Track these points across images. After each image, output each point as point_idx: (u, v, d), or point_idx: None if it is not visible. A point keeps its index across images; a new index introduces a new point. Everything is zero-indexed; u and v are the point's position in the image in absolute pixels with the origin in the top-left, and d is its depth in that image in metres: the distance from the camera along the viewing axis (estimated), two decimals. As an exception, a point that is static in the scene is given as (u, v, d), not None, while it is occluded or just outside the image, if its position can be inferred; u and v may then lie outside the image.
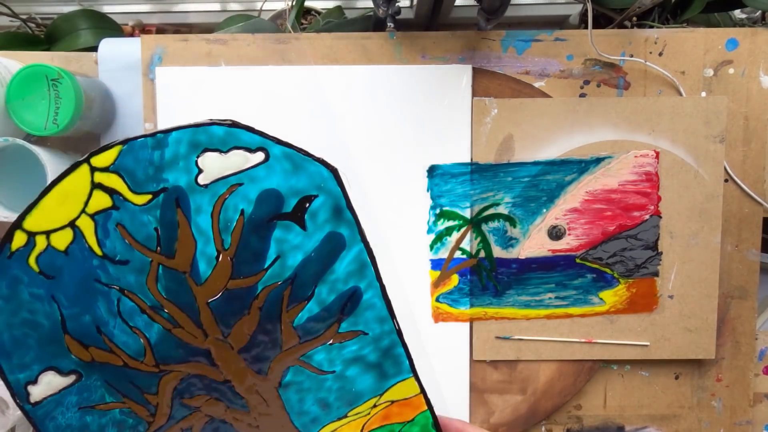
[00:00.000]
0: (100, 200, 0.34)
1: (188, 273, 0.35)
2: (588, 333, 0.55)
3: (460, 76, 0.54)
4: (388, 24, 0.53)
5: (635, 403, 0.57)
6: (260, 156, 0.35)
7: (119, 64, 0.55)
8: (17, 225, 0.34)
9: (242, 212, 0.35)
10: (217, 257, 0.35)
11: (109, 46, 0.55)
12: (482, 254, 0.55)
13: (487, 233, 0.55)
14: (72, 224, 0.34)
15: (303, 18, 0.64)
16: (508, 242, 0.55)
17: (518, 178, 0.54)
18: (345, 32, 0.55)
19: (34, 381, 0.36)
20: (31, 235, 0.34)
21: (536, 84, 0.54)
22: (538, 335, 0.55)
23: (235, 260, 0.36)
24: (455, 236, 0.55)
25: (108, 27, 0.60)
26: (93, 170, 0.34)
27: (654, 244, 0.54)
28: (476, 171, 0.54)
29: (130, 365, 0.37)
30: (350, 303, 0.38)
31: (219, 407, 0.39)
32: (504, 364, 0.56)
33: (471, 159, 0.54)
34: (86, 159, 0.34)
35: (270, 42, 0.54)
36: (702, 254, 0.54)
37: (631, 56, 0.54)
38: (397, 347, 0.39)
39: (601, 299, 0.55)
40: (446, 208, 0.54)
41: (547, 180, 0.54)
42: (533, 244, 0.55)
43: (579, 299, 0.55)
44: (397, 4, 0.50)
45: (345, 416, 0.40)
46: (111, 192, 0.34)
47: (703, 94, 0.55)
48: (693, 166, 0.54)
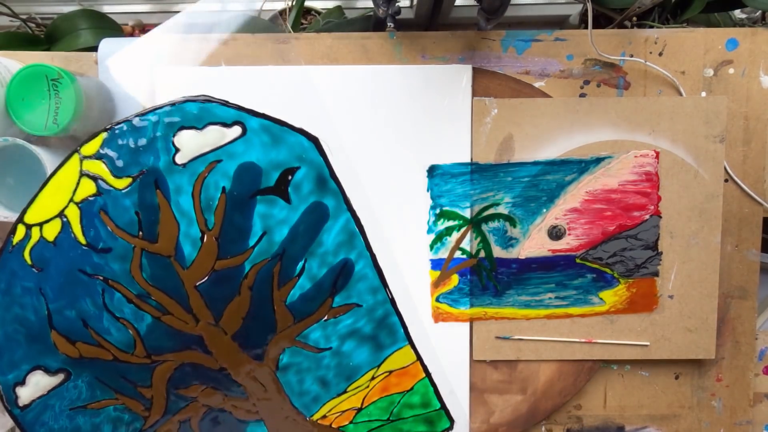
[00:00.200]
0: (86, 187, 0.35)
1: (173, 257, 0.35)
2: (588, 333, 0.55)
3: (460, 76, 0.54)
4: (388, 24, 0.53)
5: (635, 403, 0.57)
6: (237, 130, 0.35)
7: (119, 64, 0.55)
8: (20, 218, 0.34)
9: (224, 189, 0.35)
10: (202, 238, 0.35)
11: (109, 46, 0.55)
12: (482, 254, 0.55)
13: (487, 233, 0.55)
14: (61, 214, 0.34)
15: (303, 18, 0.64)
16: (508, 242, 0.55)
17: (518, 178, 0.54)
18: (345, 32, 0.55)
19: (22, 382, 0.36)
20: (29, 228, 0.34)
21: (536, 84, 0.54)
22: (538, 335, 0.55)
23: (221, 240, 0.35)
24: (455, 236, 0.55)
25: (108, 27, 0.60)
26: (82, 159, 0.34)
27: (654, 244, 0.54)
28: (476, 171, 0.54)
29: (121, 359, 0.36)
30: (342, 276, 0.38)
31: (216, 396, 0.38)
32: (504, 364, 0.56)
33: (471, 159, 0.54)
34: (77, 149, 0.34)
35: (270, 42, 0.54)
36: (702, 254, 0.54)
37: (631, 56, 0.54)
38: (391, 316, 0.39)
39: (601, 299, 0.55)
40: (446, 208, 0.54)
41: (547, 180, 0.54)
42: (533, 244, 0.55)
43: (579, 299, 0.55)
44: (397, 4, 0.50)
45: (345, 391, 0.40)
46: (95, 178, 0.34)
47: (703, 94, 0.55)
48: (693, 166, 0.54)
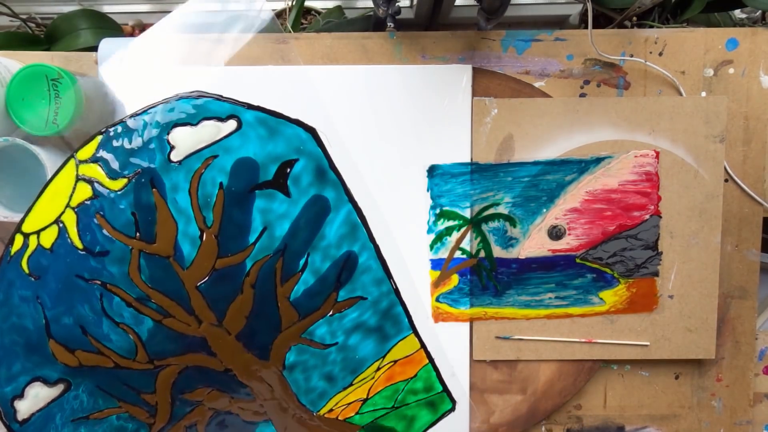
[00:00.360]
0: (83, 191, 0.34)
1: (172, 257, 0.34)
2: (588, 333, 0.55)
3: (460, 76, 0.54)
4: (388, 24, 0.53)
5: (635, 403, 0.57)
6: (232, 124, 0.34)
7: (119, 64, 0.55)
8: (18, 228, 0.34)
9: (221, 185, 0.34)
10: (201, 236, 0.34)
11: (109, 46, 0.55)
12: (482, 254, 0.55)
13: (487, 233, 0.55)
14: (57, 220, 0.34)
15: (303, 18, 0.64)
16: (508, 242, 0.55)
17: (518, 178, 0.54)
18: (345, 32, 0.55)
19: (21, 395, 0.35)
20: (26, 237, 0.34)
21: (536, 84, 0.54)
22: (538, 335, 0.55)
23: (220, 237, 0.34)
24: (455, 236, 0.55)
25: (108, 27, 0.60)
26: (78, 164, 0.34)
27: (654, 244, 0.54)
28: (476, 171, 0.54)
29: (122, 365, 0.35)
30: (346, 270, 0.37)
31: (223, 399, 0.37)
32: (504, 364, 0.56)
33: (471, 159, 0.54)
34: (73, 154, 0.34)
35: (270, 42, 0.54)
36: (702, 254, 0.54)
37: (631, 56, 0.54)
38: (396, 306, 0.38)
39: (601, 299, 0.55)
40: (446, 208, 0.54)
41: (547, 180, 0.54)
42: (533, 244, 0.55)
43: (579, 299, 0.55)
44: (397, 4, 0.50)
45: (351, 385, 0.40)
46: (91, 182, 0.34)
47: (703, 94, 0.55)
48: (693, 166, 0.54)
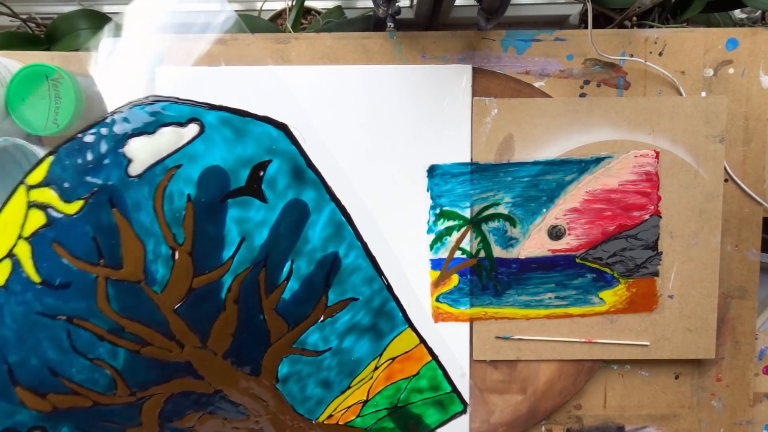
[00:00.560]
0: (36, 219, 0.30)
1: (143, 281, 0.31)
2: (588, 333, 0.55)
3: (460, 76, 0.54)
4: (388, 24, 0.53)
5: (635, 403, 0.57)
6: (194, 129, 0.30)
7: (119, 65, 0.55)
8: None
9: (189, 198, 0.30)
10: (173, 255, 0.31)
11: (109, 46, 0.55)
12: (482, 254, 0.55)
13: (487, 233, 0.55)
14: (10, 254, 0.30)
15: (303, 18, 0.64)
16: (508, 242, 0.55)
17: (518, 178, 0.54)
18: (345, 32, 0.55)
19: None
20: None
21: (536, 84, 0.54)
22: (538, 335, 0.55)
23: (195, 254, 0.31)
24: (455, 236, 0.55)
25: (108, 27, 0.60)
26: (29, 189, 0.30)
27: (654, 244, 0.54)
28: (476, 171, 0.54)
29: (102, 402, 0.32)
30: (333, 271, 0.34)
31: (215, 421, 0.35)
32: (504, 364, 0.56)
33: (471, 159, 0.54)
34: (22, 179, 0.30)
35: (270, 42, 0.54)
36: (702, 254, 0.54)
37: (631, 56, 0.54)
38: (389, 303, 0.36)
39: (601, 299, 0.55)
40: (446, 208, 0.54)
41: (547, 180, 0.54)
42: (533, 244, 0.55)
43: (579, 299, 0.55)
44: (397, 4, 0.50)
45: (349, 387, 0.38)
46: (44, 207, 0.30)
47: (703, 94, 0.55)
48: (693, 166, 0.54)
